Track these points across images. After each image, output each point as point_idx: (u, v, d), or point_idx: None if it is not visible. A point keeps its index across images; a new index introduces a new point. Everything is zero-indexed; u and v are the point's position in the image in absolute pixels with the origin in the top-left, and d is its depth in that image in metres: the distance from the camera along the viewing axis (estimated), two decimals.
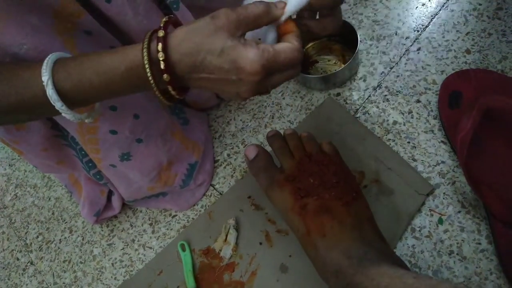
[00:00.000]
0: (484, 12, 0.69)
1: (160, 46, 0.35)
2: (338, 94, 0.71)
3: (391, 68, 0.70)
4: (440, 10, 0.72)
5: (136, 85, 0.39)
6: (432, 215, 0.57)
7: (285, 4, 0.39)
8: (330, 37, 0.77)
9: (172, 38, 0.36)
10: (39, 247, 0.79)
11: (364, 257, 0.42)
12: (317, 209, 0.47)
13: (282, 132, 0.57)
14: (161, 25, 0.37)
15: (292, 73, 0.39)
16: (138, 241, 0.72)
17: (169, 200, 0.72)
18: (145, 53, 0.36)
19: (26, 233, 0.83)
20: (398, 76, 0.69)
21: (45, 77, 0.37)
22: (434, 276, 0.53)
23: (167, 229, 0.71)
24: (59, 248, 0.78)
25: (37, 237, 0.81)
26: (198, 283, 0.63)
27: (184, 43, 0.35)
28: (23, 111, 0.40)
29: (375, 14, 0.77)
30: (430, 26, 0.71)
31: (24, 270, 0.78)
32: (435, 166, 0.60)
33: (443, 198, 0.58)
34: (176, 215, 0.72)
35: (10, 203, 0.89)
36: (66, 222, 0.80)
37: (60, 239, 0.78)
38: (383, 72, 0.70)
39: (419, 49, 0.70)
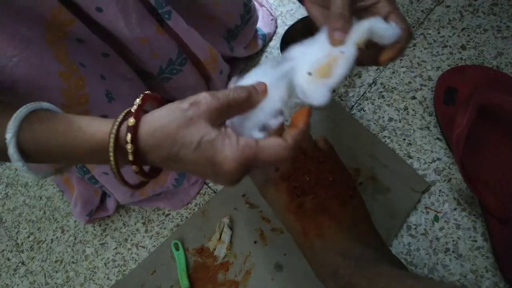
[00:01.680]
0: (479, 8, 0.68)
1: (129, 137, 0.31)
2: (333, 91, 0.70)
3: (386, 64, 0.69)
4: (435, 6, 0.71)
5: (102, 163, 0.36)
6: (428, 212, 0.57)
7: (265, 85, 0.36)
8: None
9: (143, 126, 0.32)
10: (31, 247, 0.78)
11: (361, 258, 0.41)
12: (314, 208, 0.46)
13: None
14: (135, 107, 0.33)
15: (279, 167, 0.35)
16: (131, 240, 0.71)
17: (163, 199, 0.71)
18: (111, 142, 0.32)
19: (17, 232, 0.81)
20: (393, 73, 0.68)
21: (9, 134, 0.33)
22: (430, 274, 0.53)
23: (161, 228, 0.70)
24: (50, 248, 0.76)
25: (28, 236, 0.80)
26: (192, 283, 0.62)
27: (157, 133, 0.32)
28: None
29: None
30: (425, 22, 0.71)
31: (15, 270, 0.77)
32: (431, 163, 0.59)
33: (439, 195, 0.57)
34: (170, 213, 0.71)
35: (1, 203, 0.87)
36: (58, 222, 0.79)
37: (52, 239, 0.77)
38: (378, 68, 0.69)
39: (414, 45, 0.69)
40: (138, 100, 0.34)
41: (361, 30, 0.39)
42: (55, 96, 0.48)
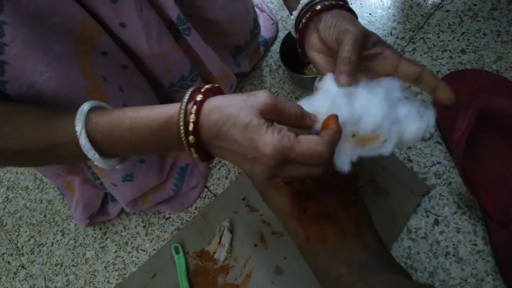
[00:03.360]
0: (479, 12, 0.69)
1: (194, 108, 0.35)
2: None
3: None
4: (435, 10, 0.72)
5: (165, 145, 0.39)
6: (428, 216, 0.57)
7: (315, 120, 0.39)
8: None
9: (207, 103, 0.36)
10: (31, 250, 0.78)
11: (365, 265, 0.41)
12: (317, 214, 0.45)
13: None
14: (204, 88, 0.38)
15: (315, 170, 0.36)
16: (131, 243, 0.71)
17: (163, 203, 0.72)
18: (182, 113, 0.36)
19: (17, 236, 0.81)
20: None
21: (79, 126, 0.37)
22: (430, 277, 0.53)
23: (161, 231, 0.70)
24: (51, 251, 0.76)
25: (29, 240, 0.80)
26: (192, 286, 0.62)
27: (216, 111, 0.35)
28: (49, 158, 0.41)
29: (370, 14, 0.76)
30: (425, 26, 0.71)
31: (15, 274, 0.77)
32: (431, 166, 0.60)
33: (439, 199, 0.57)
34: (170, 217, 0.71)
35: (1, 206, 0.87)
36: (58, 225, 0.79)
37: (52, 242, 0.77)
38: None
39: (414, 49, 0.69)
40: (207, 86, 0.38)
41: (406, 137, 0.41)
42: None
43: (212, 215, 0.67)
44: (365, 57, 0.45)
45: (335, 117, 0.38)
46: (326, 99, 0.41)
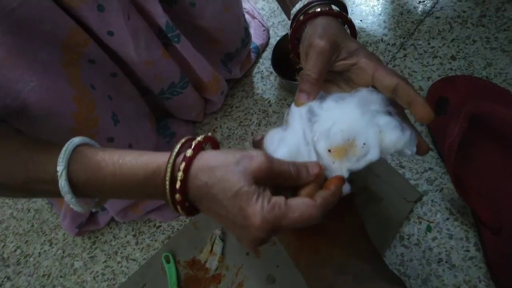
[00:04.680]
0: (468, 19, 0.69)
1: (183, 165, 0.33)
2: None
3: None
4: (425, 17, 0.72)
5: (149, 194, 0.37)
6: (420, 222, 0.56)
7: (321, 169, 0.37)
8: None
9: (197, 161, 0.34)
10: (17, 261, 0.76)
11: (360, 274, 0.40)
12: None
13: None
14: (196, 141, 0.36)
15: (306, 225, 0.35)
16: (121, 253, 0.70)
17: (154, 211, 0.70)
18: (169, 167, 0.34)
19: (3, 246, 0.79)
20: None
21: (60, 167, 0.35)
22: (424, 285, 0.52)
23: (151, 240, 0.69)
24: (38, 262, 0.75)
25: (15, 250, 0.78)
26: None
27: (206, 172, 0.34)
28: (26, 192, 0.40)
29: (361, 21, 0.77)
30: (415, 33, 0.71)
31: (0, 286, 0.75)
32: (423, 172, 0.59)
33: (431, 205, 0.57)
34: (161, 225, 0.70)
35: None
36: (46, 235, 0.77)
37: (39, 252, 0.75)
38: None
39: (405, 55, 0.70)
40: (199, 138, 0.36)
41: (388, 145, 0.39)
42: (66, 120, 0.49)
43: (203, 223, 0.66)
44: (341, 68, 0.43)
45: (339, 179, 0.37)
46: (293, 133, 0.40)
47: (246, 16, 0.82)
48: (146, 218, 0.71)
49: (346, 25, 0.47)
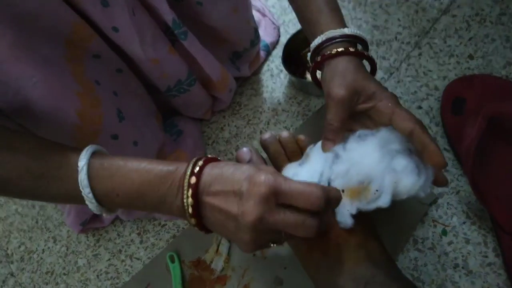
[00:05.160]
0: (486, 17, 0.67)
1: (190, 192, 0.36)
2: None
3: (391, 74, 0.68)
4: (441, 15, 0.70)
5: (163, 192, 0.39)
6: (435, 226, 0.54)
7: (339, 193, 0.38)
8: None
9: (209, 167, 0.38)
10: (21, 258, 0.75)
11: (371, 281, 0.38)
12: None
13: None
14: (198, 166, 0.37)
15: (310, 221, 0.34)
16: (125, 251, 0.68)
17: None
18: (185, 203, 0.37)
19: (7, 242, 0.78)
20: (398, 82, 0.66)
21: (82, 162, 0.37)
22: None
23: (156, 239, 0.67)
24: (41, 258, 0.73)
25: (19, 247, 0.77)
26: None
27: (216, 167, 0.37)
28: (35, 191, 0.39)
29: (374, 19, 0.75)
30: (431, 31, 0.69)
31: (4, 282, 0.74)
32: None
33: (447, 208, 0.55)
34: (166, 224, 0.68)
35: None
36: (50, 231, 0.76)
37: (43, 249, 0.74)
38: (383, 77, 0.68)
39: (420, 54, 0.68)
40: (200, 162, 0.38)
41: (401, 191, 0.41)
42: (69, 116, 0.48)
43: None
44: (361, 110, 0.45)
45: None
46: (310, 171, 0.43)
47: (257, 13, 0.80)
48: (151, 216, 0.69)
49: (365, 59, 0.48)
